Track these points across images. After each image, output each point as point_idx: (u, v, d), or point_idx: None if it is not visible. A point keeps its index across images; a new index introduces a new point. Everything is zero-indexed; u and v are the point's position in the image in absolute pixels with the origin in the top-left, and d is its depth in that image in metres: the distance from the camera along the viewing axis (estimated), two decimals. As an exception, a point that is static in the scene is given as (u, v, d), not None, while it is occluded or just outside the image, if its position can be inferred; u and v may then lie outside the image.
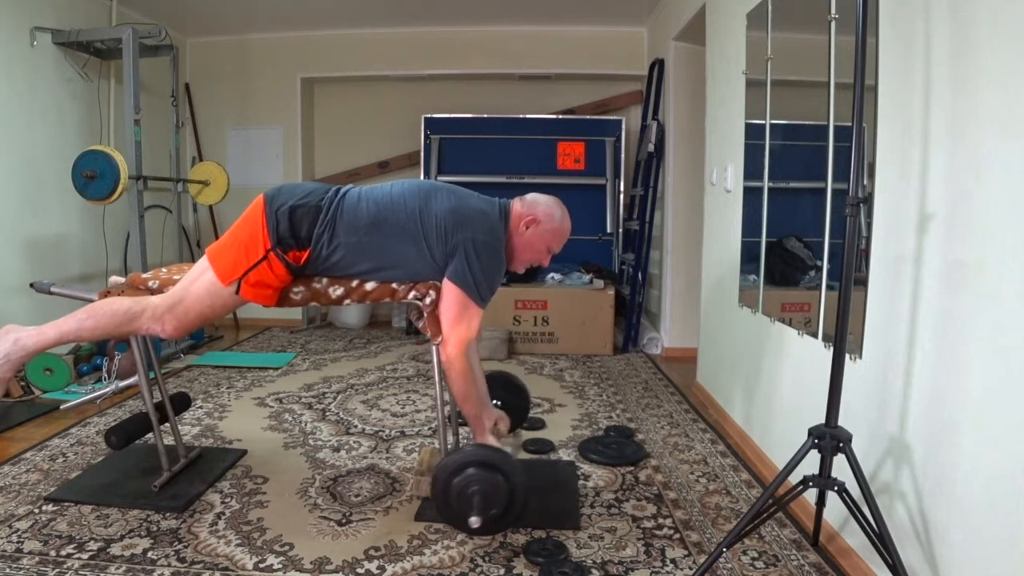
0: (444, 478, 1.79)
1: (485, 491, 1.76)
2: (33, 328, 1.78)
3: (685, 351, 4.00)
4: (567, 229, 1.98)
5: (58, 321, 1.78)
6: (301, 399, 3.15)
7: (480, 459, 1.80)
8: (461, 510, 1.77)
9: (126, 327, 1.79)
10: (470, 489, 1.76)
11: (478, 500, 1.75)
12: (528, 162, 4.83)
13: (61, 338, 1.77)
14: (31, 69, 3.50)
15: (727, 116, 2.89)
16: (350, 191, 1.88)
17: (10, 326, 1.79)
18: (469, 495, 1.76)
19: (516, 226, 1.92)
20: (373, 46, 4.94)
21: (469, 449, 1.84)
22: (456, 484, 1.78)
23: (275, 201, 1.79)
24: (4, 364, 1.73)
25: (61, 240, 3.74)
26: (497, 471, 1.78)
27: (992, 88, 1.26)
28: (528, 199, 1.96)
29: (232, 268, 1.78)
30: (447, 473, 1.79)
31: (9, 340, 1.75)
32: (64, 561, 1.68)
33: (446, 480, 1.79)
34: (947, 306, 1.39)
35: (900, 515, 1.54)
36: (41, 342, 1.76)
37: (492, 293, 1.88)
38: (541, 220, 1.92)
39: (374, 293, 1.90)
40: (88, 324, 1.76)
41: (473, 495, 1.76)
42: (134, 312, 1.78)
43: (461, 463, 1.79)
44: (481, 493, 1.76)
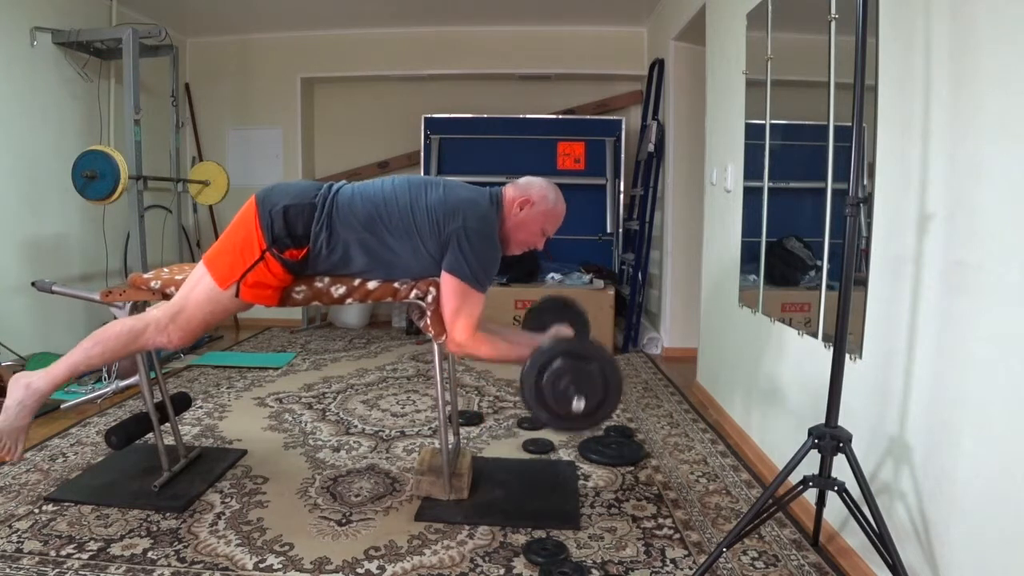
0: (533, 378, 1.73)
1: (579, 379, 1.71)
2: (41, 370, 1.78)
3: (685, 351, 4.00)
4: (561, 211, 1.97)
5: (65, 356, 1.78)
6: (301, 399, 3.15)
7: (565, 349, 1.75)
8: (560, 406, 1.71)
9: (133, 345, 1.80)
10: (562, 381, 1.71)
11: (574, 390, 1.70)
12: (528, 162, 4.82)
13: (72, 371, 1.77)
14: (31, 69, 3.50)
15: (727, 116, 2.89)
16: (343, 188, 1.88)
17: (19, 374, 1.79)
18: (563, 387, 1.71)
19: (510, 209, 1.91)
20: (373, 46, 4.94)
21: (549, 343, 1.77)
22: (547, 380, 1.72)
23: (267, 201, 1.79)
24: (21, 411, 1.73)
25: (61, 240, 3.74)
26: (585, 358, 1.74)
27: (992, 88, 1.26)
28: (521, 182, 1.96)
29: (229, 272, 1.78)
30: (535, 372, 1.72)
31: (20, 386, 1.75)
32: (64, 561, 1.68)
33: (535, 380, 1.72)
34: (947, 306, 1.39)
35: (900, 515, 1.54)
36: (53, 381, 1.76)
37: (490, 279, 1.87)
38: (535, 201, 1.91)
39: (376, 292, 1.90)
40: (96, 351, 1.77)
41: (568, 386, 1.71)
42: (137, 330, 1.79)
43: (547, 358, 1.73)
44: (575, 382, 1.71)
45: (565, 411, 1.72)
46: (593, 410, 1.74)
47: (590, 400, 1.72)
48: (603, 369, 1.74)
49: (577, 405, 1.69)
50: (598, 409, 1.76)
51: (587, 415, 1.72)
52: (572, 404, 1.69)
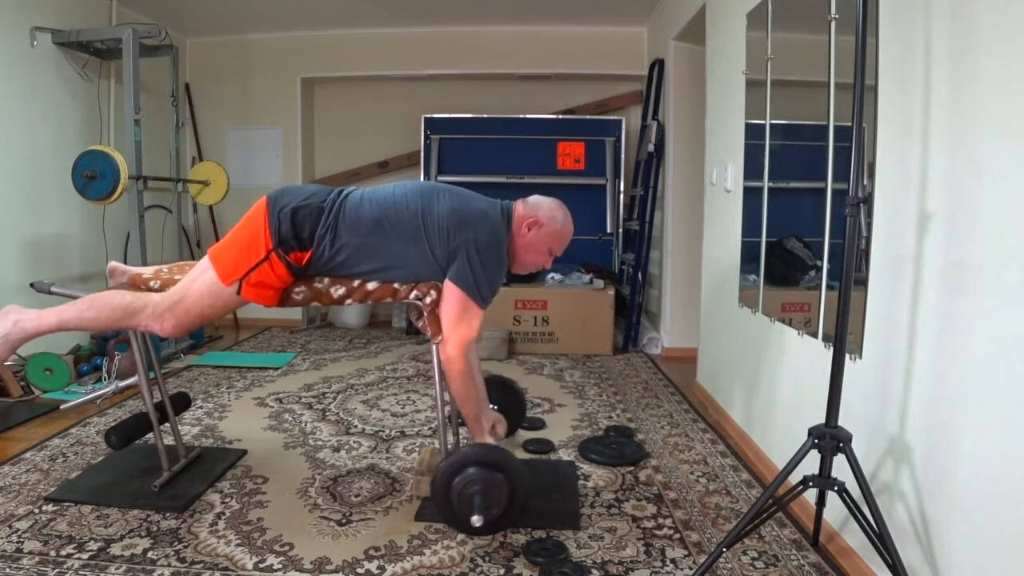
0: (444, 478, 1.79)
1: (486, 490, 1.76)
2: (34, 311, 1.78)
3: (685, 351, 4.00)
4: (569, 232, 1.98)
5: (59, 307, 1.78)
6: (301, 399, 3.15)
7: (480, 458, 1.80)
8: (462, 510, 1.77)
9: (126, 321, 1.80)
10: (471, 489, 1.76)
11: (479, 500, 1.75)
12: (528, 162, 4.83)
13: (61, 325, 1.77)
14: (31, 69, 3.50)
15: (727, 116, 2.89)
16: (352, 192, 1.89)
17: (11, 307, 1.79)
18: (470, 495, 1.76)
19: (518, 228, 1.92)
20: (373, 46, 4.94)
21: (468, 449, 1.84)
22: (456, 484, 1.78)
23: (278, 202, 1.80)
24: (2, 344, 1.74)
25: (61, 240, 3.74)
26: (497, 470, 1.78)
27: (992, 88, 1.26)
28: (531, 201, 1.97)
29: (233, 268, 1.78)
30: (447, 473, 1.79)
31: (9, 321, 1.75)
32: (64, 561, 1.68)
33: (446, 480, 1.78)
34: (947, 306, 1.39)
35: (900, 515, 1.54)
36: (40, 326, 1.76)
37: (493, 294, 1.89)
38: (543, 222, 1.92)
39: (376, 293, 1.90)
40: (89, 315, 1.77)
41: (474, 495, 1.76)
42: (135, 308, 1.78)
43: (461, 462, 1.79)
44: (482, 492, 1.76)
45: (464, 519, 1.77)
46: (494, 520, 1.79)
47: (493, 511, 1.77)
48: (512, 483, 1.79)
49: (475, 520, 1.74)
50: (500, 519, 1.81)
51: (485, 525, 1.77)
52: (472, 517, 1.74)
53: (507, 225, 1.92)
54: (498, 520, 1.80)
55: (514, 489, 1.79)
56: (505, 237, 1.90)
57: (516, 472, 1.80)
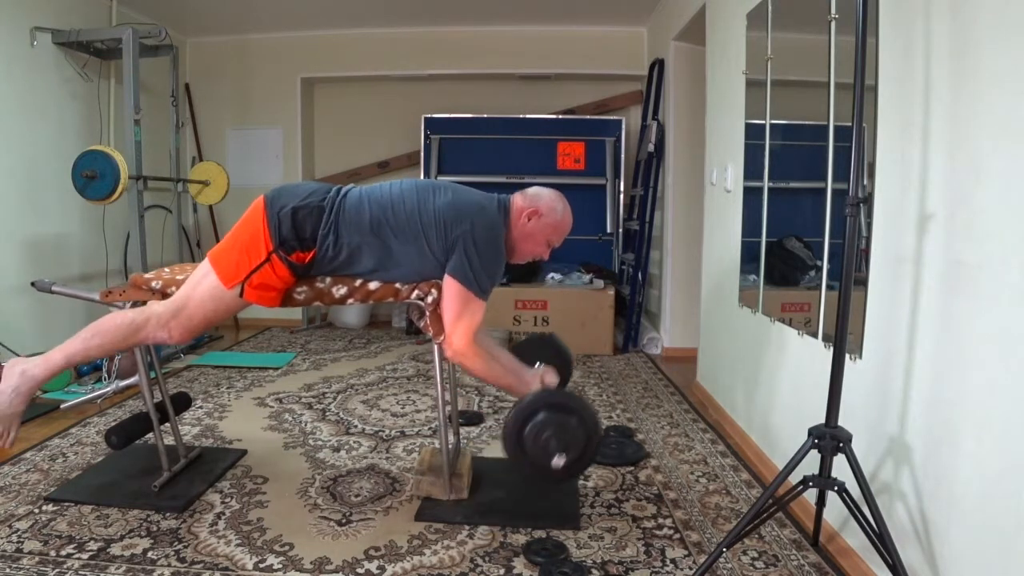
0: (515, 429, 1.75)
1: (561, 433, 1.73)
2: (38, 357, 1.77)
3: (685, 351, 4.00)
4: (568, 223, 1.98)
5: (63, 345, 1.77)
6: (301, 399, 3.15)
7: (548, 401, 1.77)
8: (540, 458, 1.74)
9: (132, 339, 1.79)
10: (545, 434, 1.73)
11: (555, 443, 1.72)
12: (528, 162, 4.83)
13: (68, 361, 1.76)
14: (31, 69, 3.50)
15: (727, 116, 2.89)
16: (351, 191, 1.89)
17: (14, 360, 1.79)
18: (545, 440, 1.73)
19: (517, 218, 1.92)
20: (373, 46, 4.94)
21: (533, 395, 1.80)
22: (529, 432, 1.74)
23: (276, 203, 1.79)
24: (15, 398, 1.72)
25: (61, 240, 3.74)
26: (568, 411, 1.76)
27: (992, 88, 1.26)
28: (530, 192, 1.97)
29: (235, 271, 1.78)
30: (518, 422, 1.75)
31: (16, 373, 1.74)
32: (64, 561, 1.68)
33: (518, 431, 1.74)
34: (947, 306, 1.39)
35: (900, 515, 1.54)
36: (49, 369, 1.75)
37: (493, 285, 1.88)
38: (543, 213, 1.92)
39: (377, 293, 1.90)
40: (95, 343, 1.76)
41: (549, 439, 1.73)
42: (138, 323, 1.78)
43: (530, 408, 1.75)
44: (557, 436, 1.73)
45: (545, 464, 1.75)
46: (572, 463, 1.77)
47: (570, 454, 1.75)
48: (584, 423, 1.77)
49: (557, 462, 1.72)
50: (576, 462, 1.79)
51: (565, 468, 1.75)
52: (552, 460, 1.72)
53: (504, 217, 1.91)
54: (577, 461, 1.77)
55: (588, 427, 1.75)
56: (502, 229, 1.89)
57: (586, 410, 1.78)
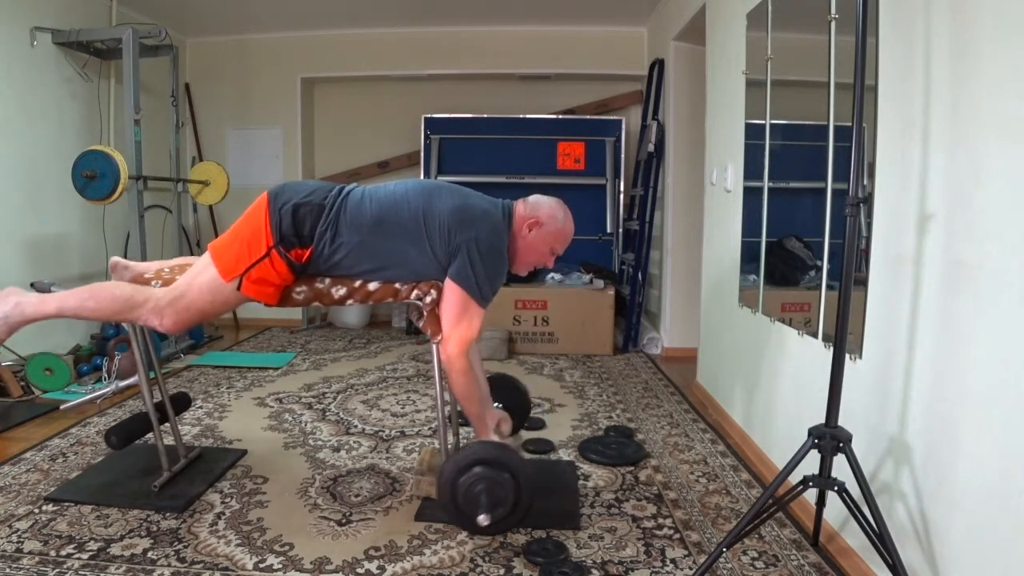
0: (450, 476, 1.78)
1: (492, 489, 1.76)
2: (35, 295, 1.78)
3: (685, 351, 4.00)
4: (570, 231, 1.99)
5: (61, 294, 1.79)
6: (301, 399, 3.15)
7: (486, 457, 1.79)
8: (468, 509, 1.77)
9: (126, 314, 1.79)
10: (477, 487, 1.76)
11: (485, 499, 1.75)
12: (528, 162, 4.83)
13: (60, 311, 1.77)
14: (31, 69, 3.50)
15: (727, 116, 2.89)
16: (354, 190, 1.89)
17: (12, 288, 1.79)
18: (476, 494, 1.76)
19: (519, 228, 1.92)
20: (373, 46, 4.94)
21: (474, 447, 1.83)
22: (463, 483, 1.77)
23: (279, 199, 1.80)
24: (1, 325, 1.73)
25: (61, 240, 3.74)
26: (504, 469, 1.78)
27: (992, 88, 1.26)
28: (531, 201, 1.97)
29: (234, 264, 1.78)
30: (454, 471, 1.78)
31: (10, 303, 1.75)
32: (64, 561, 1.68)
33: (452, 478, 1.78)
34: (947, 306, 1.39)
35: (900, 515, 1.54)
36: (40, 311, 1.76)
37: (494, 293, 1.89)
38: (544, 222, 1.92)
39: (377, 293, 1.90)
40: (90, 304, 1.76)
41: (480, 493, 1.75)
42: (136, 301, 1.78)
43: (467, 461, 1.79)
44: (488, 491, 1.75)
45: (471, 517, 1.77)
46: (499, 520, 1.79)
47: (497, 512, 1.77)
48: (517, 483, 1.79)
49: (482, 520, 1.73)
50: (504, 520, 1.81)
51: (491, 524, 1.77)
52: (479, 516, 1.74)
53: (508, 224, 1.92)
54: (504, 519, 1.80)
55: (520, 488, 1.78)
56: (506, 236, 1.90)
57: (522, 471, 1.80)
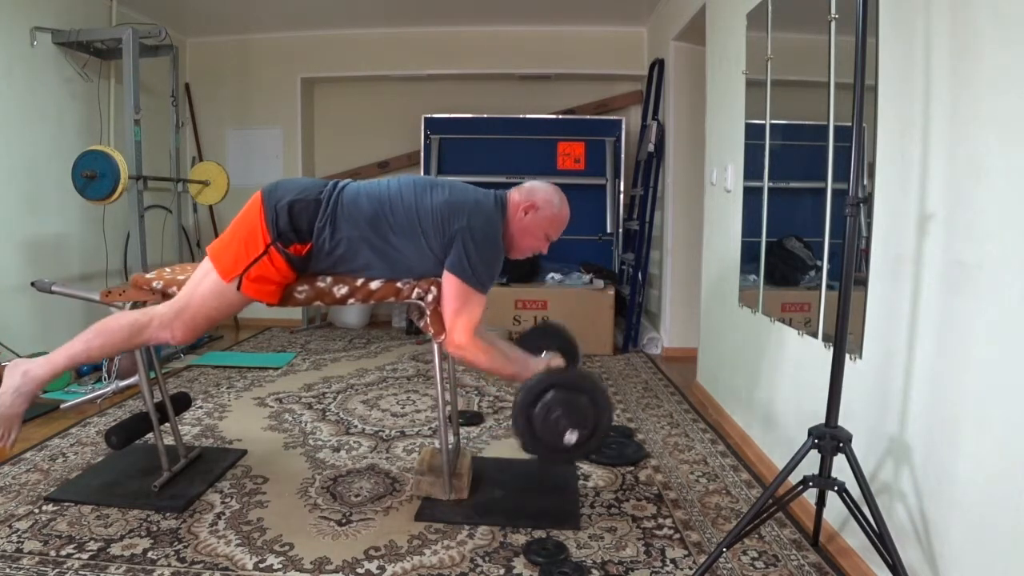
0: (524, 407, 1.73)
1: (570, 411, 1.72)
2: (41, 358, 1.77)
3: (685, 351, 4.00)
4: (566, 216, 1.98)
5: (65, 346, 1.77)
6: (301, 399, 3.15)
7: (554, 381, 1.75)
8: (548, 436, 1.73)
9: (136, 339, 1.79)
10: (554, 413, 1.72)
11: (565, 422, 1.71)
12: (528, 162, 4.83)
13: (71, 362, 1.76)
14: (31, 69, 3.50)
15: (727, 116, 2.89)
16: (348, 185, 1.89)
17: (17, 360, 1.78)
18: (555, 419, 1.72)
19: (514, 213, 1.92)
20: (373, 46, 4.94)
21: (539, 376, 1.79)
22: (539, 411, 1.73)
23: (273, 196, 1.80)
24: (17, 398, 1.72)
25: (61, 240, 3.73)
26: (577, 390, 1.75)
27: (992, 88, 1.26)
28: (526, 186, 1.97)
29: (233, 264, 1.79)
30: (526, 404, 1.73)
31: (18, 373, 1.74)
32: (64, 561, 1.68)
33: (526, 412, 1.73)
34: (947, 306, 1.39)
35: (900, 515, 1.54)
36: (52, 369, 1.75)
37: (492, 280, 1.88)
38: (540, 206, 1.92)
39: (378, 292, 1.90)
40: (97, 343, 1.76)
41: (559, 418, 1.72)
42: (141, 323, 1.78)
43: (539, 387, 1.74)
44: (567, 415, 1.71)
45: (556, 443, 1.74)
46: (583, 441, 1.76)
47: (580, 432, 1.74)
48: (594, 401, 1.76)
49: (569, 438, 1.70)
50: (588, 440, 1.78)
51: (577, 446, 1.74)
52: (564, 437, 1.71)
53: (501, 212, 1.91)
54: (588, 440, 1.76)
55: (598, 407, 1.74)
56: (500, 224, 1.89)
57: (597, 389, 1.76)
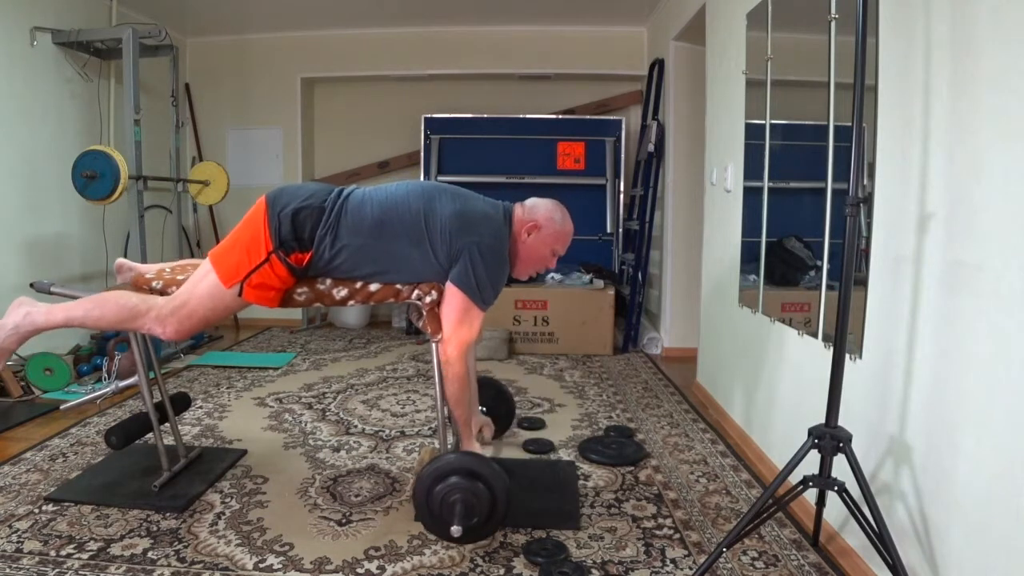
0: (426, 486, 1.78)
1: (467, 499, 1.75)
2: (44, 305, 1.82)
3: (685, 351, 4.00)
4: (570, 230, 1.99)
5: (68, 304, 1.82)
6: (301, 399, 3.15)
7: (462, 467, 1.79)
8: (443, 518, 1.76)
9: (129, 323, 1.81)
10: (452, 497, 1.75)
11: (460, 508, 1.74)
12: (528, 162, 4.83)
13: (67, 322, 1.81)
14: (31, 69, 3.50)
15: (727, 116, 2.89)
16: (353, 192, 1.88)
17: (24, 298, 1.83)
18: (451, 503, 1.75)
19: (519, 232, 1.93)
20: (373, 46, 4.94)
21: (450, 457, 1.83)
22: (438, 492, 1.76)
23: (277, 203, 1.80)
24: (12, 335, 1.77)
25: (61, 240, 3.74)
26: (478, 479, 1.77)
27: (992, 88, 1.26)
28: (528, 204, 1.97)
29: (235, 271, 1.78)
30: (429, 481, 1.78)
31: (21, 313, 1.78)
32: (64, 561, 1.68)
33: (428, 488, 1.77)
34: (947, 306, 1.39)
35: (900, 515, 1.54)
36: (49, 321, 1.79)
37: (495, 296, 1.89)
38: (542, 225, 1.92)
39: (378, 294, 1.90)
40: (95, 314, 1.79)
41: (455, 503, 1.75)
42: (140, 310, 1.79)
43: (443, 471, 1.78)
44: (463, 501, 1.74)
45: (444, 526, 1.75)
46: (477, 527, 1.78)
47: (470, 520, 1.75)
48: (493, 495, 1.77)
49: (455, 530, 1.71)
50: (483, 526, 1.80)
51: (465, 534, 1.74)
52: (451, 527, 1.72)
53: (509, 227, 1.92)
54: (479, 528, 1.79)
55: (495, 498, 1.77)
56: (507, 239, 1.90)
57: (497, 481, 1.79)
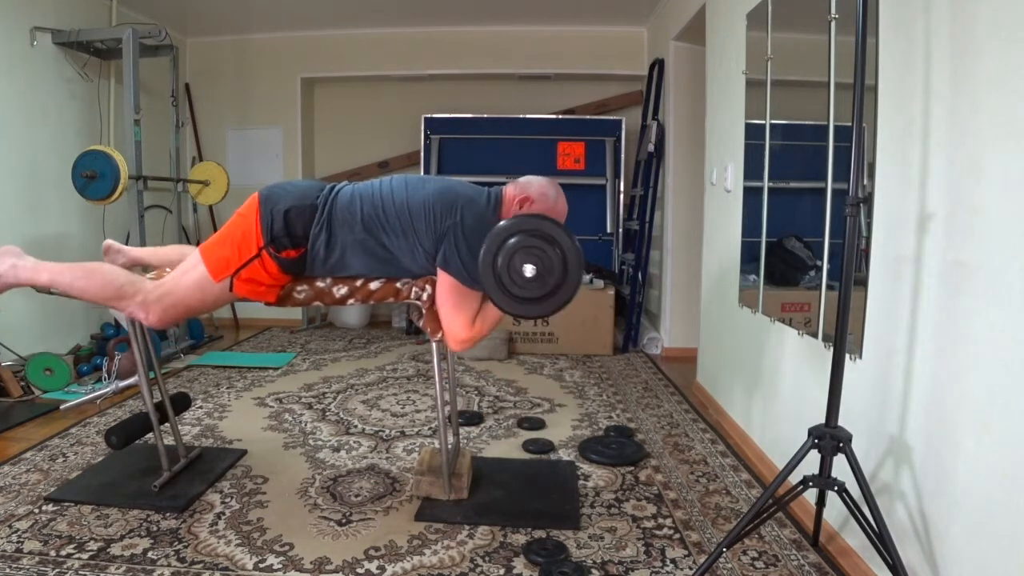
0: (490, 251, 1.65)
1: (541, 256, 1.64)
2: (32, 261, 1.79)
3: (685, 351, 4.00)
4: (563, 208, 1.96)
5: (57, 266, 1.79)
6: (301, 399, 3.15)
7: (528, 228, 1.66)
8: (513, 279, 1.65)
9: (114, 301, 1.79)
10: (518, 258, 1.64)
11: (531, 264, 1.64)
12: (528, 162, 4.82)
13: (51, 284, 1.78)
14: (31, 69, 3.50)
15: (727, 116, 2.89)
16: (343, 189, 1.89)
17: (11, 248, 1.80)
18: (519, 265, 1.65)
19: (509, 207, 1.91)
20: (373, 46, 4.94)
21: (517, 219, 1.70)
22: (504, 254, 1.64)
23: (270, 200, 1.80)
24: None
25: (61, 240, 3.73)
26: (549, 241, 1.65)
27: (992, 88, 1.26)
28: (521, 180, 1.96)
29: (224, 265, 1.79)
30: (494, 245, 1.66)
31: (7, 263, 1.76)
32: (64, 561, 1.68)
33: (493, 252, 1.65)
34: (947, 306, 1.39)
35: (900, 515, 1.54)
36: (33, 279, 1.77)
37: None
38: (535, 199, 1.91)
39: (378, 293, 1.90)
40: (80, 284, 1.77)
41: (523, 263, 1.65)
42: (126, 292, 1.78)
43: (509, 231, 1.66)
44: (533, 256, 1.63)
45: (518, 284, 1.64)
46: (549, 292, 1.67)
47: (546, 278, 1.65)
48: (564, 251, 1.66)
49: (529, 272, 1.62)
50: (554, 292, 1.68)
51: (541, 297, 1.65)
52: (525, 273, 1.62)
53: (495, 207, 1.90)
54: (553, 292, 1.68)
55: (566, 259, 1.65)
56: (493, 219, 1.86)
57: (567, 241, 1.66)
